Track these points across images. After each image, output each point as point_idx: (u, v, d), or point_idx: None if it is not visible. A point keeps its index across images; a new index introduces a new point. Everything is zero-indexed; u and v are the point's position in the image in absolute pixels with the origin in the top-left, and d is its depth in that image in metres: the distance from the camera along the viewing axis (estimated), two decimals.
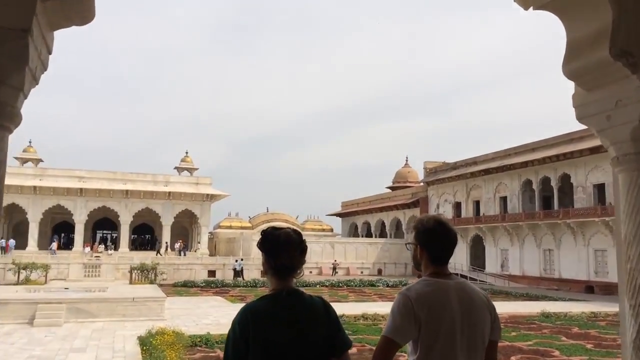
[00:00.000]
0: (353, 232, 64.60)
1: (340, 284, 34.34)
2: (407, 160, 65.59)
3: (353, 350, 13.12)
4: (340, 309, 21.23)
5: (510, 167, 39.82)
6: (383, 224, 58.32)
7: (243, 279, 35.75)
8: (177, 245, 45.50)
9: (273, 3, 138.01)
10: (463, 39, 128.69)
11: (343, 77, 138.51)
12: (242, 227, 60.13)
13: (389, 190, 62.69)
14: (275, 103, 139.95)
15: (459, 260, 42.69)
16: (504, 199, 41.89)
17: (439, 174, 49.01)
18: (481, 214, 43.27)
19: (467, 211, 45.41)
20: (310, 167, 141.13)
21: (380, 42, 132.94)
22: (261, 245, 2.31)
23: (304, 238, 2.38)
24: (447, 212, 47.48)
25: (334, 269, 44.48)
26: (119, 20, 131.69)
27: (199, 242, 49.29)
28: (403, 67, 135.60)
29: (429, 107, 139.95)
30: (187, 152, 52.76)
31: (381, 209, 57.12)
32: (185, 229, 54.38)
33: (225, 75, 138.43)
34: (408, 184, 59.95)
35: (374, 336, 15.13)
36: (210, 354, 12.07)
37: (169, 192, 47.03)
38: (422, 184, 53.25)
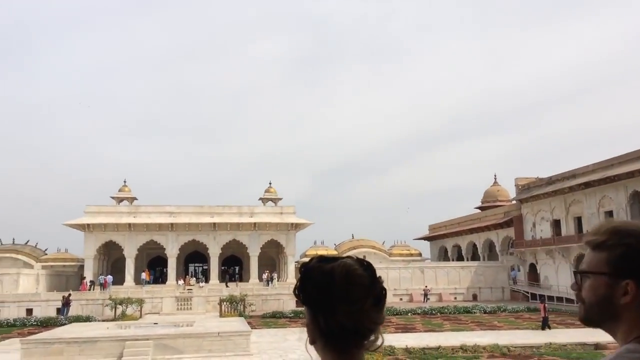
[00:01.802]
0: (443, 255, 62.11)
1: (434, 311, 32.58)
2: (495, 178, 62.54)
3: None
4: (436, 339, 19.84)
5: (614, 179, 36.44)
6: (475, 246, 55.55)
7: None
8: (264, 276, 45.57)
9: (346, 33, 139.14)
10: (548, 50, 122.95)
11: (421, 97, 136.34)
12: None
13: (478, 211, 59.85)
14: (354, 130, 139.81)
15: (563, 282, 39.44)
16: (609, 214, 38.32)
17: (532, 191, 45.99)
18: (584, 231, 39.81)
19: (567, 229, 42.03)
20: (394, 192, 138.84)
21: (459, 59, 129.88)
22: (301, 290, 1.32)
23: (378, 275, 1.34)
24: (545, 231, 44.29)
25: (426, 295, 42.53)
26: (201, 63, 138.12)
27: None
28: (484, 83, 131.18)
29: (514, 122, 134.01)
30: (270, 183, 53.30)
31: (471, 231, 54.47)
32: (272, 259, 54.56)
33: (304, 106, 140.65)
34: (498, 203, 56.92)
35: None
36: None
37: (255, 223, 47.43)
38: (514, 202, 50.26)
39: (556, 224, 43.48)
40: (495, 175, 63.48)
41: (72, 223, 45.08)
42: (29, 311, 33.76)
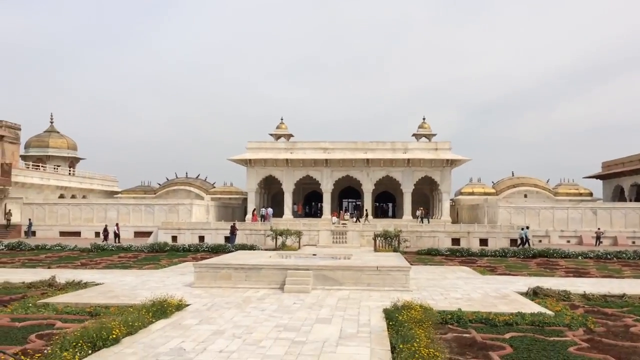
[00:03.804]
0: (618, 195, 55.82)
1: (609, 256, 29.33)
2: None
3: None
4: (619, 286, 17.57)
5: None
6: None
7: (530, 246, 33.34)
8: (418, 213, 44.85)
9: None
10: None
11: (592, 20, 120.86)
12: (485, 193, 56.84)
13: None
14: (516, 61, 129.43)
15: None
16: None
17: None
18: None
19: None
20: (560, 127, 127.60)
21: None
22: None
23: None
24: None
25: (598, 238, 38.64)
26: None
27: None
28: None
29: None
30: (424, 119, 51.49)
31: None
32: (425, 196, 53.44)
33: (460, 38, 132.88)
34: None
35: None
36: (464, 335, 10.41)
37: (408, 159, 46.37)
38: None
39: None
40: None
41: (236, 158, 47.89)
42: (201, 238, 36.93)
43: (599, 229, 39.71)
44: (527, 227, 35.98)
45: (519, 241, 34.76)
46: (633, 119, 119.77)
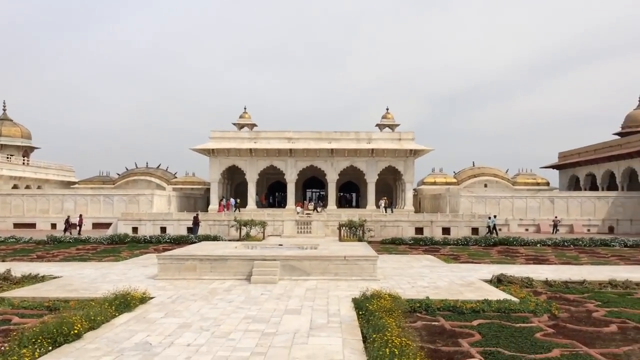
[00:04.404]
0: (573, 185, 57.54)
1: (566, 243, 30.22)
2: None
3: (612, 327, 10.39)
4: (579, 272, 18.09)
5: None
6: (612, 175, 50.58)
7: (497, 235, 33.82)
8: (381, 202, 45.12)
9: None
10: None
11: (550, 15, 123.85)
12: (447, 183, 57.70)
13: (617, 137, 54.11)
14: (474, 54, 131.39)
15: None
16: None
17: None
18: None
19: None
20: (519, 118, 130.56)
21: None
22: None
23: None
24: None
25: (555, 226, 39.75)
26: None
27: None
28: None
29: None
30: (387, 109, 51.69)
31: (610, 158, 49.45)
32: (389, 186, 53.85)
33: (420, 31, 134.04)
34: None
35: (634, 310, 12.01)
36: (433, 323, 10.46)
37: (372, 149, 46.53)
38: None
39: None
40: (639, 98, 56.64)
41: (199, 148, 47.04)
42: (163, 229, 36.18)
43: (556, 217, 40.83)
44: (495, 216, 36.79)
45: (486, 229, 35.42)
46: (587, 111, 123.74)
